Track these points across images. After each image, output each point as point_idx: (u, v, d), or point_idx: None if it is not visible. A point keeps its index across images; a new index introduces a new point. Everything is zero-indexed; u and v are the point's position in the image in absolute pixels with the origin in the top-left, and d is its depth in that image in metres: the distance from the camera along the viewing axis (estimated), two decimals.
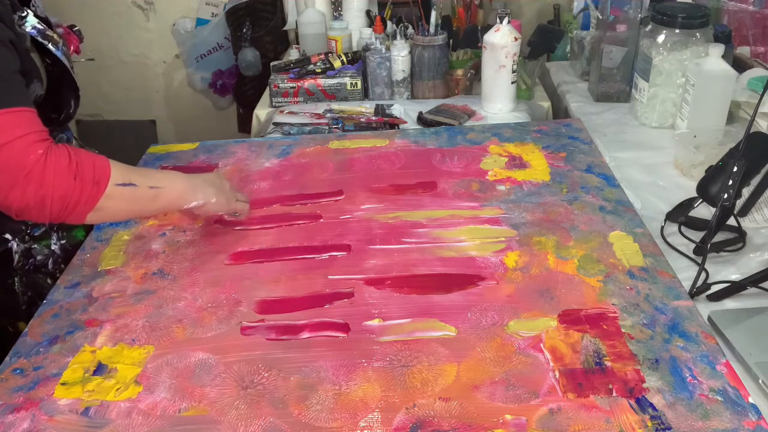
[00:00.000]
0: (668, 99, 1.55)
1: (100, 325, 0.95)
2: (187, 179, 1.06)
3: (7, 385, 0.86)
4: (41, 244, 1.21)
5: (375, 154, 1.37)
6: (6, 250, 1.16)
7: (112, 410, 0.81)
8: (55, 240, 1.22)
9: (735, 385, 0.78)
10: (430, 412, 0.78)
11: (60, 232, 1.23)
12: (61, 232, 1.23)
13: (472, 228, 1.11)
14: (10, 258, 1.16)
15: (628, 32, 1.69)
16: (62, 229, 1.23)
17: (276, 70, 1.89)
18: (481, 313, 0.92)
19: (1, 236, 1.15)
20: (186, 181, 1.05)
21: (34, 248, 1.20)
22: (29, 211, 0.91)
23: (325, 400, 0.81)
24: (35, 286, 1.20)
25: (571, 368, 0.82)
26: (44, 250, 1.21)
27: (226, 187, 1.10)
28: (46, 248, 1.21)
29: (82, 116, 2.68)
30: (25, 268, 1.19)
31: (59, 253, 1.23)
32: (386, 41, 1.87)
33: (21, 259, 1.18)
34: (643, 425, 0.74)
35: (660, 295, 0.94)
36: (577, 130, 1.43)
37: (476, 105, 1.76)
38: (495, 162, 1.31)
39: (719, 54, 1.41)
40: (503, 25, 1.65)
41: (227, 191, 1.09)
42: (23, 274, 1.18)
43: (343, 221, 1.16)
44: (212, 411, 0.80)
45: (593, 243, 1.05)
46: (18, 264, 1.17)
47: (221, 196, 1.07)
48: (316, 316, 0.94)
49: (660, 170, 1.39)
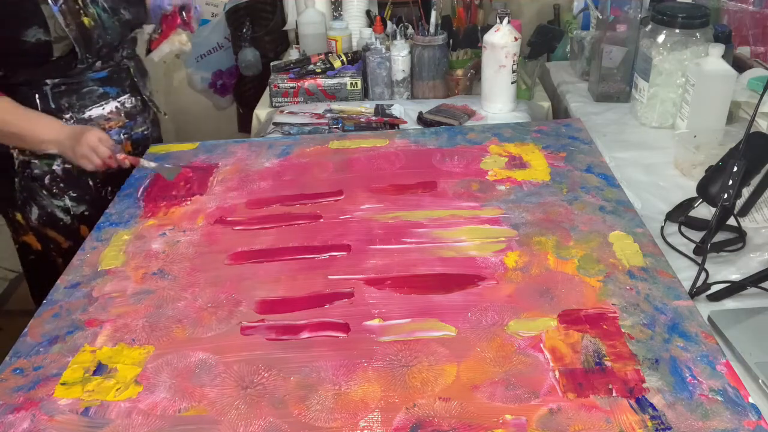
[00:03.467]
0: (668, 99, 1.55)
1: (100, 325, 0.95)
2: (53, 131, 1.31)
3: (7, 385, 0.86)
4: (42, 162, 1.42)
5: (375, 154, 1.37)
6: (8, 155, 1.41)
7: (112, 410, 0.81)
8: (59, 163, 1.42)
9: (735, 385, 0.78)
10: (430, 412, 0.78)
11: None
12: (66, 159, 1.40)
13: (472, 228, 1.11)
14: (11, 162, 1.42)
15: (628, 32, 1.69)
16: None
17: (276, 70, 1.89)
18: (481, 313, 0.93)
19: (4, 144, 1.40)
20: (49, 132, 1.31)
21: (33, 162, 1.42)
22: None
23: (325, 400, 0.81)
24: (30, 191, 1.44)
25: (571, 368, 0.82)
26: (44, 167, 1.42)
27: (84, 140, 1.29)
28: (47, 166, 1.42)
29: None
30: (23, 174, 1.43)
31: (60, 174, 1.44)
32: (386, 41, 1.87)
33: (20, 166, 1.42)
34: (643, 425, 0.74)
35: (660, 295, 0.94)
36: (577, 130, 1.43)
37: (476, 105, 1.76)
38: (495, 162, 1.31)
39: (719, 54, 1.41)
40: (503, 25, 1.65)
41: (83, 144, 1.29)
42: (21, 178, 1.43)
43: (343, 221, 1.16)
44: (212, 411, 0.80)
45: (593, 243, 1.05)
46: (17, 168, 1.42)
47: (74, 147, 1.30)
48: (316, 316, 0.94)
49: (660, 170, 1.39)
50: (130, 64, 1.51)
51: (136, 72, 1.53)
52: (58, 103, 1.39)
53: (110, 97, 1.47)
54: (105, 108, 1.46)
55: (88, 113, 1.43)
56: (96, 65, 1.42)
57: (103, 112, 1.45)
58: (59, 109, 1.39)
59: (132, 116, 1.52)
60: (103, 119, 1.46)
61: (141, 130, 1.55)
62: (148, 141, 1.56)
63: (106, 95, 1.46)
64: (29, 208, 1.46)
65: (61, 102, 1.39)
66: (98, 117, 1.44)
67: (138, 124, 1.54)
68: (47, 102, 1.37)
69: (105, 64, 1.44)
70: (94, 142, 1.30)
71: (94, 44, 1.37)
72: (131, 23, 1.47)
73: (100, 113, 1.45)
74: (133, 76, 1.52)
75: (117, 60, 1.47)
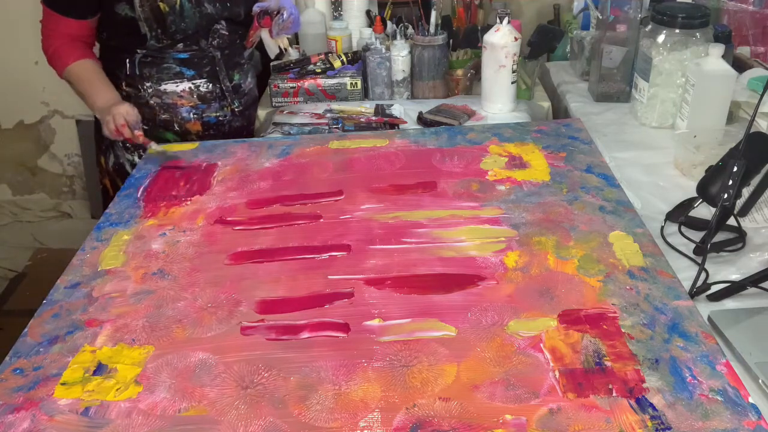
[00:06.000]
0: (668, 99, 1.55)
1: (100, 325, 0.95)
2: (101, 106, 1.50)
3: (7, 385, 0.86)
4: None
5: (375, 154, 1.37)
6: None
7: (112, 410, 0.81)
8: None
9: (735, 385, 0.79)
10: (430, 412, 0.78)
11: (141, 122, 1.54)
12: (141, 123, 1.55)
13: (472, 228, 1.11)
14: None
15: (628, 32, 1.69)
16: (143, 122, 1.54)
17: (276, 70, 1.89)
18: (481, 313, 0.93)
19: None
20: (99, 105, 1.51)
21: None
22: None
23: (325, 400, 0.81)
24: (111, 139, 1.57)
25: (571, 368, 0.82)
26: None
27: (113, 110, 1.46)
28: None
29: (83, 116, 2.68)
30: None
31: None
32: (386, 41, 1.87)
33: None
34: (643, 425, 0.74)
35: (660, 295, 0.94)
36: (577, 130, 1.43)
37: (476, 105, 1.76)
38: (495, 162, 1.31)
39: (719, 54, 1.41)
40: (503, 25, 1.65)
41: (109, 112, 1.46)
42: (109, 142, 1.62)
43: (343, 221, 1.16)
44: (212, 411, 0.80)
45: (593, 243, 1.05)
46: None
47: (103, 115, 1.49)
48: (316, 316, 0.94)
49: (660, 170, 1.39)
50: (217, 53, 1.63)
51: (221, 63, 1.64)
52: (142, 71, 1.59)
53: (185, 77, 1.61)
54: (179, 86, 1.62)
55: (163, 86, 1.61)
56: (178, 46, 1.58)
57: (176, 89, 1.62)
58: (142, 77, 1.59)
59: (206, 101, 1.65)
60: (176, 95, 1.62)
61: (215, 115, 1.68)
62: (223, 127, 1.70)
63: (181, 75, 1.61)
64: (109, 154, 1.68)
65: (144, 71, 1.58)
66: (171, 92, 1.61)
67: (212, 110, 1.67)
68: (134, 68, 1.58)
69: (187, 47, 1.59)
70: (118, 112, 1.46)
71: (168, 28, 1.54)
72: (212, 17, 1.59)
73: (173, 89, 1.61)
74: (218, 65, 1.64)
75: (202, 46, 1.61)
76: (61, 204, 2.93)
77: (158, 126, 1.63)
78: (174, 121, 1.64)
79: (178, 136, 1.65)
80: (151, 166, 1.39)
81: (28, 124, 2.77)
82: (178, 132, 1.65)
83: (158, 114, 1.63)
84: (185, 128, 1.66)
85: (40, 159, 2.85)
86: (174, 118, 1.64)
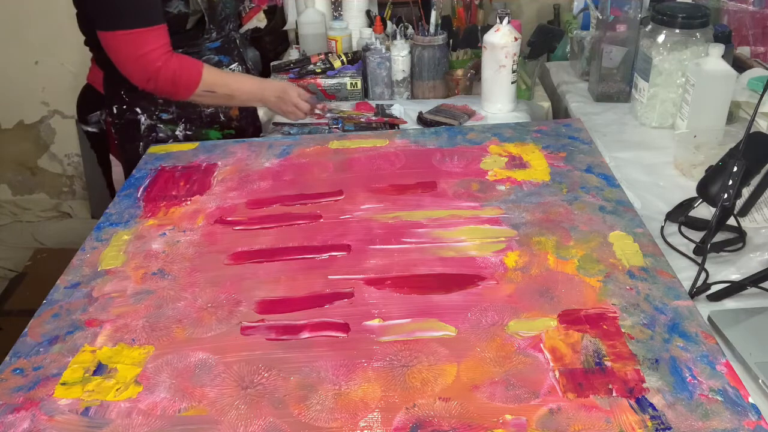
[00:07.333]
0: (668, 99, 1.55)
1: (100, 325, 0.95)
2: (256, 89, 1.54)
3: (7, 385, 0.86)
4: (167, 126, 1.57)
5: (375, 154, 1.37)
6: (135, 120, 1.55)
7: (112, 410, 0.81)
8: (181, 129, 1.59)
9: (735, 385, 0.78)
10: (430, 412, 0.78)
11: (187, 124, 1.59)
12: (188, 125, 1.59)
13: (472, 228, 1.11)
14: (138, 127, 1.55)
15: (628, 32, 1.69)
16: (189, 122, 1.59)
17: (276, 70, 1.89)
18: (481, 313, 0.93)
19: (133, 109, 1.54)
20: (254, 90, 1.54)
21: (159, 127, 1.57)
22: (157, 94, 1.48)
23: (325, 400, 0.81)
24: None
25: (571, 368, 0.82)
26: (168, 131, 1.58)
27: (287, 97, 1.53)
28: (171, 131, 1.58)
29: None
30: (148, 138, 1.56)
31: (182, 139, 1.59)
32: (386, 41, 1.87)
33: (146, 131, 1.56)
34: (643, 425, 0.74)
35: (660, 295, 0.94)
36: (577, 130, 1.43)
37: (476, 105, 1.76)
38: (495, 162, 1.31)
39: (719, 54, 1.41)
40: (503, 25, 1.65)
41: (287, 102, 1.53)
42: (146, 142, 1.54)
43: (343, 221, 1.16)
44: (212, 411, 0.80)
45: (593, 243, 1.05)
46: (143, 134, 1.56)
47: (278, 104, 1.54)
48: (316, 316, 0.94)
49: (660, 170, 1.40)
50: (236, 35, 1.68)
51: (242, 43, 1.70)
52: None
53: (224, 65, 1.63)
54: None
55: None
56: (212, 35, 1.59)
57: None
58: None
59: None
60: None
61: None
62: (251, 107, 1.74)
63: (221, 63, 1.62)
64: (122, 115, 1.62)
65: None
66: None
67: None
68: None
69: (218, 35, 1.61)
70: (296, 99, 1.54)
71: (218, 16, 1.56)
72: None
73: None
74: (239, 47, 1.68)
75: (227, 31, 1.64)
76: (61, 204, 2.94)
77: (204, 124, 1.62)
78: (219, 112, 1.64)
79: (221, 129, 1.65)
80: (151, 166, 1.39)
81: (28, 124, 2.78)
82: (223, 123, 1.65)
83: (204, 109, 1.62)
84: (228, 116, 1.66)
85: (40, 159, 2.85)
86: (218, 108, 1.64)
